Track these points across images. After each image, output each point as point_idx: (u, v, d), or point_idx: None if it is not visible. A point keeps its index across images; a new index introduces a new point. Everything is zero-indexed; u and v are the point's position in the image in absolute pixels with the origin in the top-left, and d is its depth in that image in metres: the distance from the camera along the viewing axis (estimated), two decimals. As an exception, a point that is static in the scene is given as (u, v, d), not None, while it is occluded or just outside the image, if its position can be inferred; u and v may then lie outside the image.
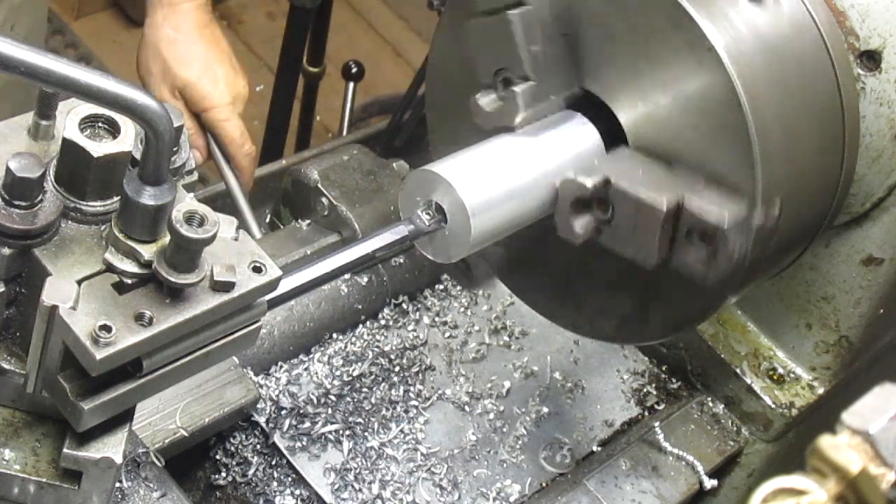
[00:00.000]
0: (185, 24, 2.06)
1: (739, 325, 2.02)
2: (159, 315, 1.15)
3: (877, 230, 1.76)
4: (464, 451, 1.87)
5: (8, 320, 1.24)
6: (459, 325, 2.03)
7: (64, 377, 1.18)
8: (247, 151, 2.10)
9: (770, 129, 1.46)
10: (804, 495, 0.88)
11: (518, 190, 1.51)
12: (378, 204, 1.98)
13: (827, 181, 1.61)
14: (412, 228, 1.48)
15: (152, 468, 1.55)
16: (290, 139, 3.33)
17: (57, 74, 1.06)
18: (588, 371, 2.04)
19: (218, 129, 2.07)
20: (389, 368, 1.92)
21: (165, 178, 1.15)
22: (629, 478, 1.88)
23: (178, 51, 2.05)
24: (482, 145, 1.55)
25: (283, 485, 1.76)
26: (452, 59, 1.69)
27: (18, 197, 1.14)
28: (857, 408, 0.90)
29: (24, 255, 1.17)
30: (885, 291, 1.83)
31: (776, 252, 1.62)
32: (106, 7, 4.35)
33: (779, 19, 1.54)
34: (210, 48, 2.07)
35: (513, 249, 1.74)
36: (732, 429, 2.01)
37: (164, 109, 1.11)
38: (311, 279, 1.40)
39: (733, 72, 1.43)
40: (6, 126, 1.24)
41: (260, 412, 1.79)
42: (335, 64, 3.39)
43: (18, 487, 1.29)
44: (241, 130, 2.08)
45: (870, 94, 1.62)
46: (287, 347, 1.88)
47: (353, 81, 3.19)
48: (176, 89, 2.05)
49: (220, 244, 1.18)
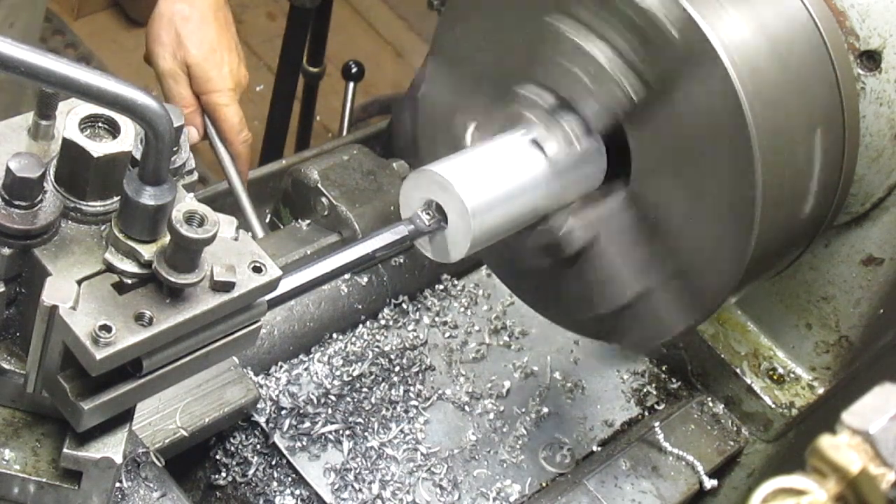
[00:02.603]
0: (201, 4, 2.08)
1: (739, 325, 2.02)
2: (159, 315, 1.15)
3: (877, 230, 1.76)
4: (464, 451, 1.87)
5: (8, 320, 1.24)
6: (459, 325, 2.03)
7: (64, 377, 1.18)
8: (244, 138, 2.13)
9: (770, 129, 1.46)
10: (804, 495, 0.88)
11: (518, 190, 1.52)
12: (378, 204, 1.98)
13: (827, 181, 1.61)
14: (412, 228, 1.48)
15: (152, 468, 1.55)
16: (290, 139, 3.33)
17: (57, 74, 1.06)
18: (588, 371, 2.04)
19: (218, 112, 2.10)
20: (389, 368, 1.92)
21: (165, 178, 1.15)
22: (629, 478, 1.88)
23: (191, 29, 2.06)
24: (482, 145, 1.55)
25: (283, 485, 1.76)
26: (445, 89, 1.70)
27: (18, 197, 1.14)
28: (857, 408, 0.90)
29: (24, 255, 1.17)
30: (885, 291, 1.82)
31: (776, 252, 1.62)
32: (106, 7, 4.35)
33: (779, 19, 1.54)
34: (221, 32, 2.10)
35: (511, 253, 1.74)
36: (732, 429, 2.01)
37: (164, 109, 1.11)
38: (311, 279, 1.40)
39: (733, 72, 1.43)
40: (6, 126, 1.24)
41: (260, 412, 1.79)
42: (335, 64, 3.39)
43: (18, 487, 1.29)
44: (239, 117, 2.11)
45: (870, 94, 1.62)
46: (287, 347, 1.88)
47: (353, 81, 3.19)
48: (184, 65, 2.07)
49: (220, 244, 1.18)
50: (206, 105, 2.10)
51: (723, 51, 1.43)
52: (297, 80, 3.19)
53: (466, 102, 1.63)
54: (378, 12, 4.71)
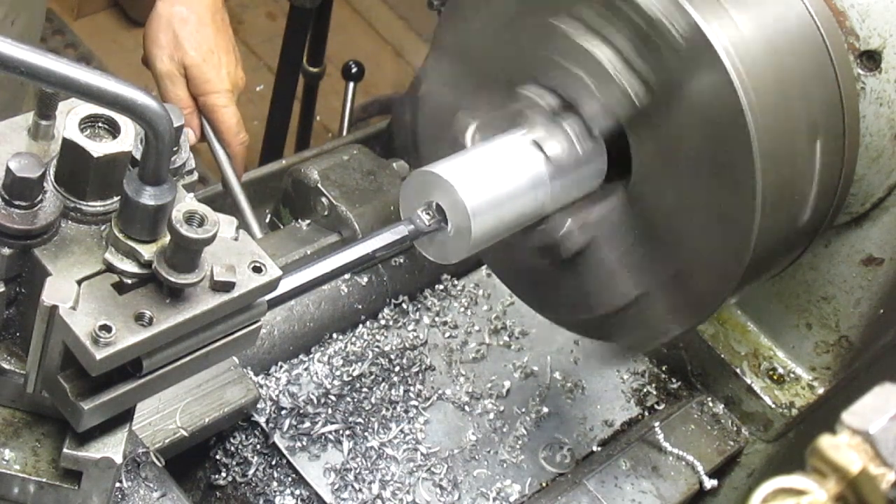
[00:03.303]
0: (199, 6, 2.08)
1: (739, 325, 2.02)
2: (159, 315, 1.15)
3: (877, 230, 1.76)
4: (464, 451, 1.87)
5: (8, 320, 1.24)
6: (459, 325, 2.03)
7: (64, 377, 1.18)
8: (242, 139, 2.14)
9: (770, 130, 1.46)
10: (804, 495, 0.88)
11: (518, 190, 1.51)
12: (378, 204, 1.98)
13: (827, 181, 1.61)
14: (412, 228, 1.48)
15: (152, 468, 1.55)
16: (290, 139, 3.33)
17: (57, 74, 1.06)
18: (588, 371, 2.04)
19: (216, 114, 2.10)
20: (389, 368, 1.92)
21: (165, 178, 1.15)
22: (629, 478, 1.88)
23: (189, 30, 2.07)
24: (482, 145, 1.55)
25: (283, 485, 1.76)
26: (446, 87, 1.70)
27: (18, 197, 1.14)
28: (857, 408, 0.90)
29: (24, 255, 1.17)
30: (885, 291, 1.82)
31: (776, 253, 1.62)
32: (106, 7, 4.35)
33: (779, 19, 1.54)
34: (219, 33, 2.10)
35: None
36: (732, 429, 2.01)
37: (164, 109, 1.11)
38: (311, 279, 1.40)
39: (733, 72, 1.43)
40: (6, 126, 1.24)
41: (260, 412, 1.79)
42: (335, 64, 3.39)
43: (18, 487, 1.29)
44: (237, 118, 2.12)
45: (870, 94, 1.62)
46: (287, 347, 1.88)
47: (353, 81, 3.19)
48: (182, 66, 2.07)
49: (220, 244, 1.18)
50: (203, 107, 2.11)
51: (724, 53, 1.43)
52: (297, 80, 3.19)
53: (467, 101, 1.63)
54: (378, 12, 4.71)
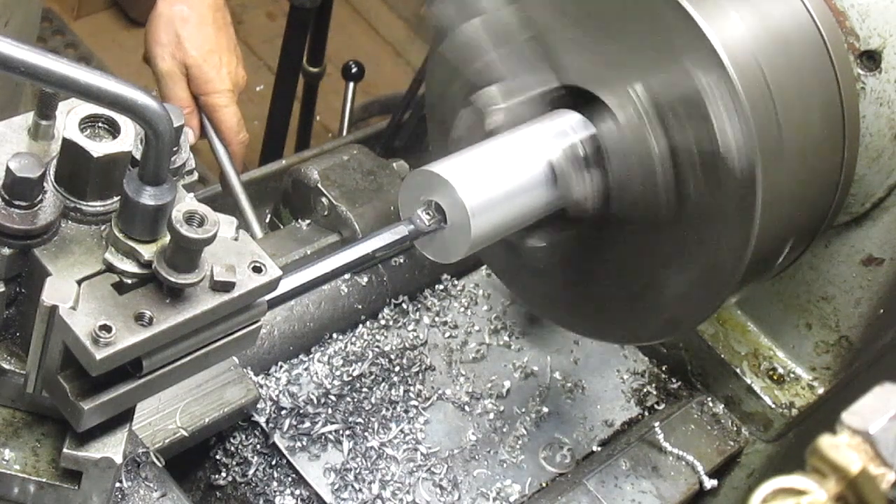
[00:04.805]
0: (200, 5, 2.09)
1: (739, 325, 2.02)
2: (159, 315, 1.15)
3: (877, 230, 1.76)
4: (464, 451, 1.87)
5: (8, 320, 1.24)
6: (459, 325, 2.02)
7: (64, 377, 1.18)
8: (242, 139, 2.15)
9: (770, 129, 1.46)
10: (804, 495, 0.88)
11: (518, 190, 1.52)
12: (378, 204, 1.98)
13: (827, 181, 1.61)
14: (412, 228, 1.48)
15: (152, 468, 1.55)
16: (290, 139, 3.34)
17: (56, 74, 1.06)
18: (588, 371, 2.04)
19: (217, 113, 2.11)
20: (389, 368, 1.92)
21: (165, 178, 1.15)
22: (629, 478, 1.88)
23: (189, 30, 2.07)
24: (482, 145, 1.55)
25: (283, 485, 1.76)
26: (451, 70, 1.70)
27: (18, 197, 1.14)
28: (857, 408, 0.90)
29: (24, 255, 1.17)
30: (885, 291, 1.83)
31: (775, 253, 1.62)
32: (106, 7, 4.36)
33: (779, 19, 1.54)
34: (220, 33, 2.11)
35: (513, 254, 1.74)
36: (732, 429, 2.01)
37: (164, 109, 1.11)
38: (311, 279, 1.40)
39: (733, 72, 1.43)
40: (6, 126, 1.24)
41: (260, 412, 1.79)
42: (335, 64, 3.40)
43: (18, 487, 1.28)
44: (238, 118, 2.13)
45: (870, 94, 1.62)
46: (287, 347, 1.88)
47: (353, 81, 3.19)
48: (183, 66, 2.08)
49: (220, 244, 1.18)
50: (204, 106, 2.11)
51: (724, 53, 1.43)
52: (297, 80, 3.20)
53: (493, 54, 1.62)
54: (378, 12, 4.71)
